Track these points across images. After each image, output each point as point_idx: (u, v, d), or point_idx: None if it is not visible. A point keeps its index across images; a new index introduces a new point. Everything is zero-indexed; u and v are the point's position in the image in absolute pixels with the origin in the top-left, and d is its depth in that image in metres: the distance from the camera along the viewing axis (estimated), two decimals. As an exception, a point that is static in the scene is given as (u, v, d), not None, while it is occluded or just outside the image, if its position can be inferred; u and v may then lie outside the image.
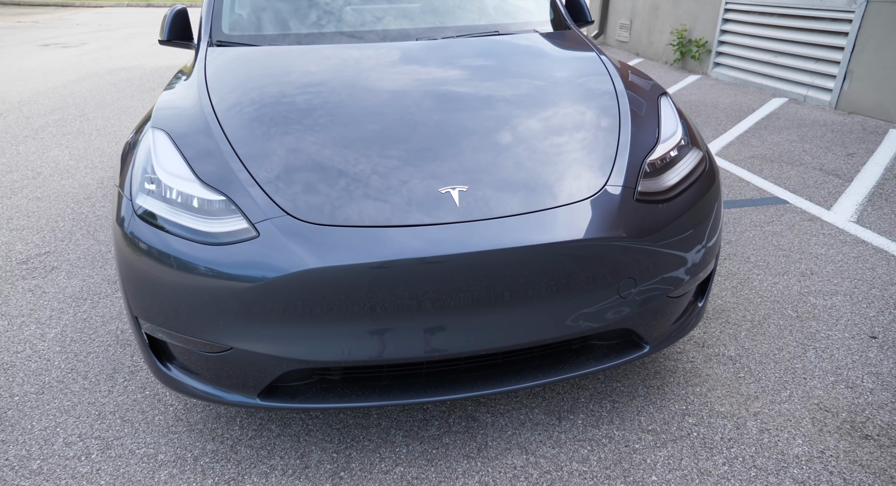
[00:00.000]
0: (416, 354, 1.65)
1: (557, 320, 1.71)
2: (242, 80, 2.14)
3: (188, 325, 1.62)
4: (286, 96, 2.04)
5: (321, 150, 1.80)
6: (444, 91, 2.09)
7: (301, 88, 2.09)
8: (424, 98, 2.04)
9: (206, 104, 1.98)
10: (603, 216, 1.71)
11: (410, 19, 2.69)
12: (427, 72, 2.22)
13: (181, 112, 1.97)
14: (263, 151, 1.79)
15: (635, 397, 2.18)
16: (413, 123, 1.92)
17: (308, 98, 2.03)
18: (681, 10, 8.12)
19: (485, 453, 1.95)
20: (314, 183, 1.70)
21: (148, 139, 1.88)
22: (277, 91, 2.07)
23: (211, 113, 1.93)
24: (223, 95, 2.04)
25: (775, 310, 2.66)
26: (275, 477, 1.86)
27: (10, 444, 1.98)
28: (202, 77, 2.17)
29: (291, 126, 1.89)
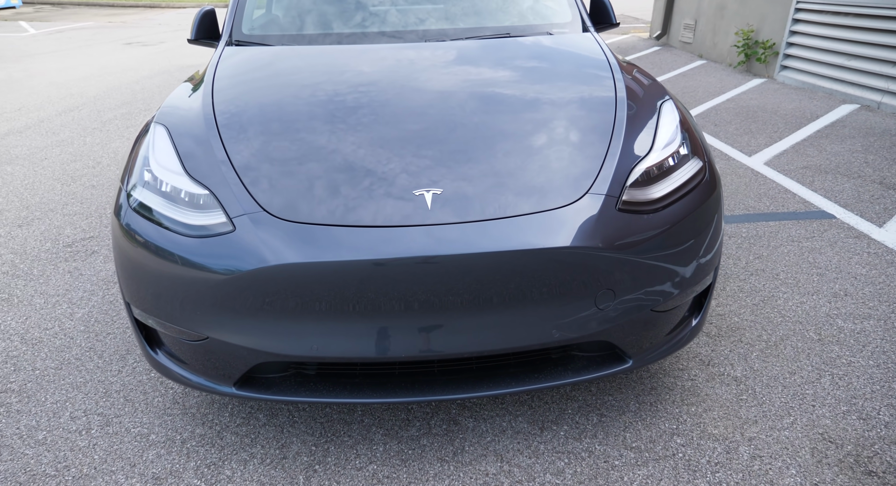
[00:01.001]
0: (382, 354, 1.67)
1: (530, 328, 1.69)
2: (248, 78, 2.22)
3: (170, 313, 1.70)
4: (286, 96, 2.10)
5: (309, 149, 1.85)
6: (438, 93, 2.09)
7: (301, 88, 2.14)
8: (421, 99, 2.06)
9: (207, 101, 2.07)
10: (580, 225, 1.67)
11: (423, 22, 2.71)
12: (431, 73, 2.23)
13: (184, 109, 2.07)
14: (252, 149, 1.85)
15: (625, 412, 2.12)
16: (402, 124, 1.93)
17: (307, 98, 2.08)
18: (748, 10, 7.76)
19: (460, 457, 1.95)
20: (296, 181, 1.74)
21: (150, 134, 1.98)
22: (279, 90, 2.13)
23: (210, 110, 2.01)
24: (226, 92, 2.12)
25: (795, 331, 2.52)
26: (252, 465, 1.92)
27: (24, 414, 2.13)
28: (212, 75, 2.26)
29: (285, 125, 1.95)
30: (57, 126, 5.83)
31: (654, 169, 1.85)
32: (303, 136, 1.90)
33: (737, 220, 3.56)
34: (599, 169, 1.82)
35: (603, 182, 1.79)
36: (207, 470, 1.90)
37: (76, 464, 1.92)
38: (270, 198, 1.70)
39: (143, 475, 1.88)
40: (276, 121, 1.97)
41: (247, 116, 1.99)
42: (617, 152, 1.87)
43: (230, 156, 1.82)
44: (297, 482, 1.86)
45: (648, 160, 1.87)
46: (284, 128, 1.94)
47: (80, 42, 11.60)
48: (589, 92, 2.13)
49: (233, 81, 2.21)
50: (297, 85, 2.17)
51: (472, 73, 2.23)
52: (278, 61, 2.38)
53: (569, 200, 1.73)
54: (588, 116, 2.01)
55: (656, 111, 2.05)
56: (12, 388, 2.26)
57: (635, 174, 1.83)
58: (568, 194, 1.74)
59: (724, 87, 7.06)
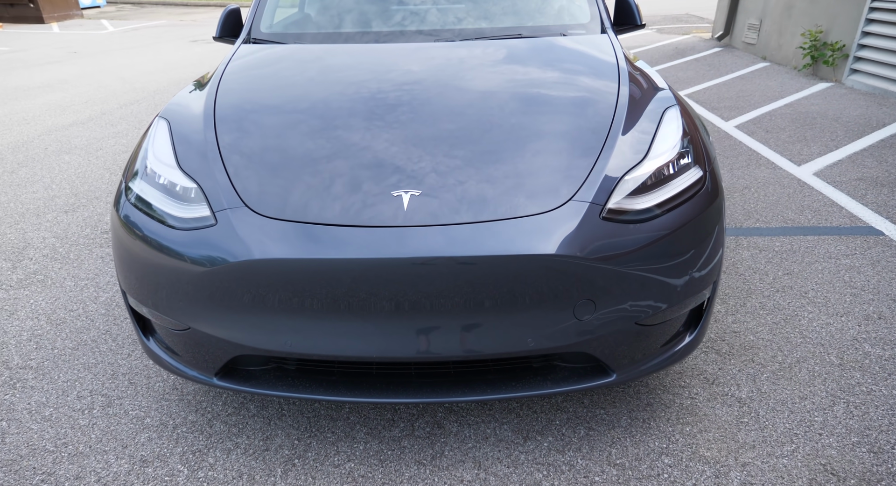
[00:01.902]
0: (352, 353, 1.67)
1: (503, 335, 1.66)
2: (254, 76, 2.27)
3: (156, 302, 1.76)
4: (288, 94, 2.13)
5: (302, 147, 1.87)
6: (430, 95, 2.08)
7: (305, 87, 2.17)
8: (413, 100, 2.05)
9: (211, 97, 2.13)
10: (558, 232, 1.63)
11: (437, 22, 2.69)
12: (428, 73, 2.22)
13: (188, 104, 2.14)
14: (245, 145, 1.89)
15: (615, 427, 2.05)
16: (396, 125, 1.93)
17: (310, 97, 2.11)
18: (818, 10, 7.35)
19: (437, 462, 1.93)
20: (282, 179, 1.77)
21: (152, 128, 2.06)
22: (282, 89, 2.17)
23: (211, 106, 2.07)
24: (231, 89, 2.18)
25: (815, 354, 2.37)
26: (235, 455, 1.97)
27: (36, 391, 2.26)
28: (221, 72, 2.33)
29: (282, 123, 1.98)
30: (116, 118, 6.14)
31: (646, 177, 1.78)
32: (297, 134, 1.93)
33: (771, 233, 3.38)
34: (587, 176, 1.77)
35: (589, 189, 1.73)
36: (192, 456, 1.95)
37: (73, 442, 2.02)
38: (254, 194, 1.73)
39: (132, 456, 1.96)
40: (275, 119, 2.00)
41: (246, 113, 2.03)
42: (608, 159, 1.81)
43: (222, 151, 1.87)
44: (274, 475, 1.89)
45: (641, 168, 1.80)
46: (281, 126, 1.97)
47: (151, 39, 12.18)
48: (589, 96, 2.06)
49: (240, 78, 2.27)
50: (301, 84, 2.20)
51: (470, 73, 2.20)
52: (288, 60, 2.42)
53: (550, 207, 1.68)
54: (584, 120, 1.95)
55: (658, 118, 1.97)
56: (31, 365, 2.40)
57: (625, 182, 1.76)
58: (550, 201, 1.70)
59: (785, 91, 6.72)
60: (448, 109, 2.00)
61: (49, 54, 10.31)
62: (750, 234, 3.37)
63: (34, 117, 6.23)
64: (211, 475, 1.88)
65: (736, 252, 3.17)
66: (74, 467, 1.92)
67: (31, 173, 4.61)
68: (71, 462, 1.93)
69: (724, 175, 4.27)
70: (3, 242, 3.48)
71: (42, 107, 6.66)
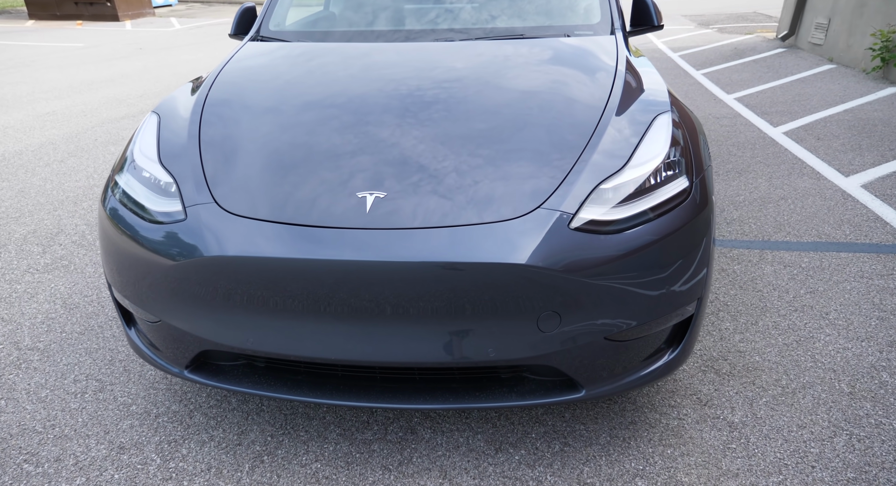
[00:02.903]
0: (309, 354, 1.67)
1: (462, 344, 1.62)
2: (250, 73, 2.30)
3: (131, 293, 1.81)
4: (276, 93, 2.15)
5: (281, 146, 1.88)
6: (419, 97, 2.04)
7: (297, 86, 2.18)
8: (397, 103, 2.02)
9: (203, 93, 2.17)
10: (523, 241, 1.57)
11: (439, 21, 2.66)
12: (416, 73, 2.19)
13: (181, 99, 2.19)
14: (225, 142, 1.91)
15: (592, 444, 1.97)
16: (372, 125, 1.92)
17: (299, 96, 2.12)
18: (893, 7, 6.87)
19: (403, 468, 1.90)
20: (255, 177, 1.78)
21: (143, 122, 2.11)
22: (270, 87, 2.18)
23: (202, 102, 2.11)
24: (225, 86, 2.21)
25: (824, 380, 2.21)
26: (208, 448, 2.00)
27: (38, 372, 2.37)
28: (219, 68, 2.37)
29: (267, 121, 1.99)
30: (165, 112, 6.39)
31: (624, 186, 1.70)
32: (278, 134, 1.93)
33: (801, 247, 3.18)
34: (560, 183, 1.70)
35: (560, 197, 1.67)
36: (167, 446, 2.00)
37: (61, 424, 2.10)
38: (226, 191, 1.75)
39: (111, 442, 2.02)
40: (259, 117, 2.02)
41: (233, 111, 2.06)
42: (585, 166, 1.74)
43: (202, 148, 1.90)
44: (241, 470, 1.91)
45: (620, 177, 1.72)
46: (263, 125, 1.98)
47: (213, 36, 12.63)
48: (577, 100, 1.99)
49: (235, 76, 2.30)
50: (291, 84, 2.21)
51: (457, 76, 2.16)
52: (285, 59, 2.44)
53: (517, 214, 1.63)
54: (568, 125, 1.88)
55: (647, 125, 1.87)
56: (38, 347, 2.52)
57: (600, 191, 1.69)
58: (518, 208, 1.64)
59: (847, 95, 6.33)
60: (428, 111, 1.97)
61: (117, 50, 10.84)
62: (777, 248, 3.18)
63: (92, 110, 6.55)
64: (181, 466, 1.92)
65: (758, 267, 2.99)
66: (56, 449, 1.99)
67: (78, 163, 4.85)
68: (54, 444, 2.01)
69: (761, 184, 4.05)
70: (40, 227, 3.67)
71: (101, 100, 7.00)
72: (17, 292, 2.94)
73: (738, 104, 6.16)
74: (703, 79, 7.40)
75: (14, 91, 7.57)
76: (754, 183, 4.08)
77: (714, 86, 6.97)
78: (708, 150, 2.01)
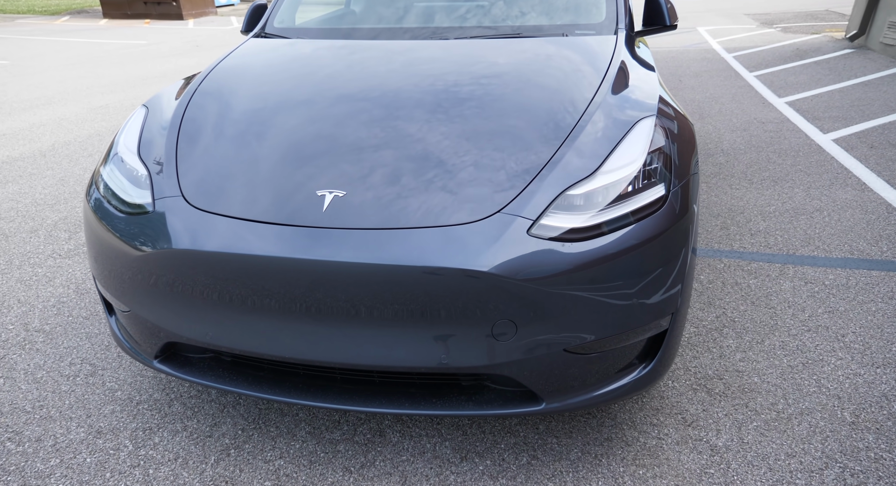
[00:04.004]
0: (263, 350, 1.66)
1: (415, 349, 1.58)
2: (243, 70, 2.32)
3: (107, 282, 1.85)
4: (263, 89, 2.15)
5: (257, 142, 1.88)
6: (395, 95, 2.01)
7: (281, 84, 2.18)
8: (374, 102, 2.00)
9: (193, 88, 2.20)
10: (479, 246, 1.52)
11: (438, 20, 2.61)
12: (406, 72, 2.15)
13: (173, 93, 2.23)
14: (201, 136, 1.93)
15: (562, 459, 1.89)
16: (343, 124, 1.90)
17: (284, 92, 2.12)
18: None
19: (365, 471, 1.88)
20: (224, 173, 1.79)
21: (131, 115, 2.16)
22: (258, 83, 2.19)
23: (188, 96, 2.14)
24: (215, 81, 2.24)
25: (826, 407, 2.05)
26: (180, 437, 2.03)
27: (39, 354, 2.47)
28: (214, 64, 2.40)
29: (249, 117, 2.00)
30: (208, 107, 6.58)
31: (592, 193, 1.62)
32: (253, 129, 1.94)
33: (828, 263, 2.97)
34: (525, 187, 1.64)
35: (522, 202, 1.60)
36: (142, 434, 2.04)
37: (49, 405, 2.18)
38: (193, 186, 1.77)
39: (91, 426, 2.08)
40: (241, 112, 2.03)
41: (217, 106, 2.08)
42: (553, 170, 1.67)
43: (179, 141, 1.92)
44: (207, 462, 1.93)
45: (590, 183, 1.64)
46: (243, 120, 1.99)
47: (269, 33, 12.95)
48: (558, 101, 1.91)
49: (228, 71, 2.33)
50: (279, 81, 2.22)
51: (441, 74, 2.11)
52: (280, 55, 2.45)
53: (475, 218, 1.58)
54: (545, 127, 1.81)
55: (626, 130, 1.78)
56: (45, 329, 2.63)
57: (566, 197, 1.61)
58: (478, 211, 1.59)
59: (910, 103, 5.91)
60: (400, 111, 1.93)
61: (176, 48, 11.27)
62: (801, 263, 2.99)
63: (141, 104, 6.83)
64: (150, 454, 1.96)
65: (776, 282, 2.82)
66: (39, 429, 2.07)
67: (119, 155, 5.05)
68: (38, 425, 2.09)
69: (796, 194, 3.82)
70: (71, 214, 3.83)
71: (151, 94, 7.28)
72: (38, 275, 3.08)
73: (789, 109, 5.85)
74: (755, 81, 7.07)
75: (76, 85, 7.97)
76: (789, 193, 3.85)
77: (765, 89, 6.65)
78: (696, 157, 1.90)
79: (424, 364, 1.60)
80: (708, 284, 2.83)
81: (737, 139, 5.00)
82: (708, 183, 4.07)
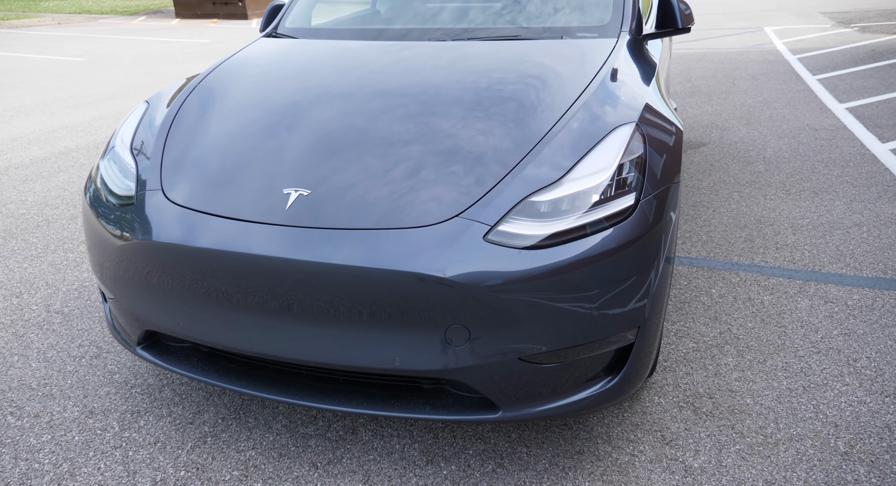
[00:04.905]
0: (229, 343, 1.71)
1: (369, 350, 1.59)
2: (243, 68, 2.38)
3: (97, 271, 1.95)
4: (254, 86, 2.20)
5: (233, 139, 1.92)
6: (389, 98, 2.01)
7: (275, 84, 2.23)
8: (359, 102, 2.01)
9: (192, 85, 2.28)
10: (434, 249, 1.52)
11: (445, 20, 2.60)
12: (396, 74, 2.16)
13: (174, 90, 2.31)
14: (188, 133, 2.00)
15: (528, 469, 1.85)
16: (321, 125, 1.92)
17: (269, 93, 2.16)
18: None
19: (330, 468, 1.90)
20: (204, 169, 1.85)
21: (133, 110, 2.26)
22: (253, 81, 2.25)
23: (187, 93, 2.22)
24: (216, 79, 2.31)
25: (819, 435, 1.93)
26: (163, 422, 2.11)
27: (54, 334, 2.61)
28: (219, 63, 2.48)
29: (232, 114, 2.05)
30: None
31: (559, 200, 1.58)
32: (238, 127, 1.99)
33: (854, 282, 2.79)
34: (488, 191, 1.62)
35: (482, 206, 1.58)
36: (129, 417, 2.13)
37: (52, 384, 2.31)
38: (174, 180, 1.83)
39: (85, 406, 2.19)
40: (231, 110, 2.09)
41: (211, 103, 2.14)
42: (519, 175, 1.64)
43: (169, 137, 2.00)
44: (183, 448, 1.99)
45: (555, 190, 1.60)
46: (231, 118, 2.05)
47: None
48: (537, 105, 1.87)
49: (230, 70, 2.39)
50: (271, 79, 2.26)
51: (425, 76, 2.10)
52: (284, 55, 2.49)
53: (433, 221, 1.57)
54: (519, 131, 1.78)
55: (601, 136, 1.72)
56: (64, 311, 2.78)
57: (528, 203, 1.58)
58: (438, 214, 1.58)
59: (985, 111, 5.47)
60: (384, 113, 1.94)
61: (236, 46, 11.68)
62: (825, 280, 2.81)
63: (195, 100, 7.12)
64: (132, 437, 2.04)
65: (793, 299, 2.67)
66: (39, 406, 2.19)
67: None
68: (39, 402, 2.21)
69: (836, 207, 3.60)
70: (109, 205, 4.04)
71: (206, 91, 7.58)
72: (68, 260, 3.27)
73: (848, 115, 5.52)
74: (816, 85, 6.71)
75: (137, 82, 8.39)
76: (828, 205, 3.63)
77: (826, 93, 6.29)
78: (678, 165, 1.82)
79: (378, 366, 1.61)
80: (718, 298, 2.71)
81: (782, 147, 4.76)
82: (740, 193, 3.89)
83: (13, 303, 2.87)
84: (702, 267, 2.98)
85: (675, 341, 2.42)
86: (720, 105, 6.09)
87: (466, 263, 1.50)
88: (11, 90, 7.94)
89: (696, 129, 5.34)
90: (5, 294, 2.94)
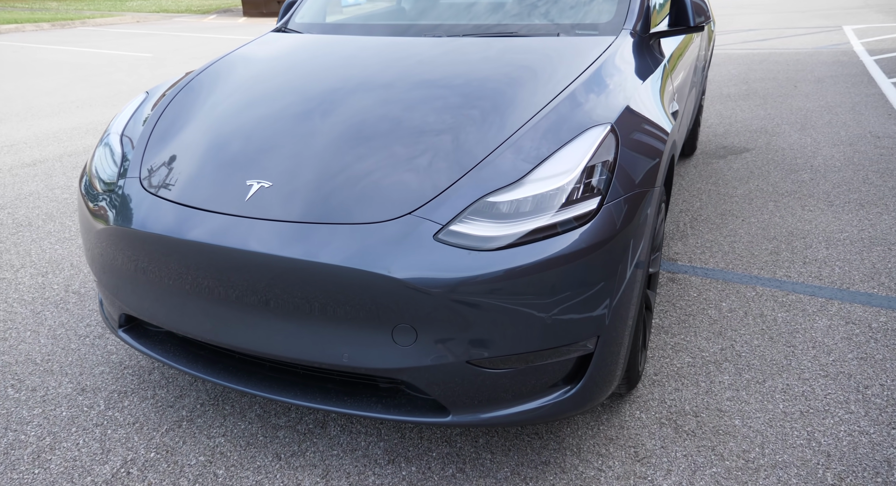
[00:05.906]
0: (189, 330, 1.74)
1: (318, 344, 1.59)
2: (241, 62, 2.41)
3: (86, 254, 2.02)
4: (246, 80, 2.23)
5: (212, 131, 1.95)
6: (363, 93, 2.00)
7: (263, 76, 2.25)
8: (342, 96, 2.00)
9: (190, 77, 2.33)
10: (382, 247, 1.49)
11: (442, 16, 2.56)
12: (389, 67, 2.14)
13: (173, 81, 2.37)
14: (174, 125, 2.05)
15: (488, 476, 1.80)
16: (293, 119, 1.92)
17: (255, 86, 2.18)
18: None
19: (293, 460, 1.91)
20: (180, 159, 1.89)
21: (131, 99, 2.33)
22: (247, 75, 2.28)
23: (182, 85, 2.27)
24: (211, 72, 2.35)
25: (807, 464, 1.78)
26: (146, 404, 2.17)
27: (67, 313, 2.74)
28: (221, 56, 2.52)
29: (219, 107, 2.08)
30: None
31: (517, 201, 1.52)
32: (218, 121, 2.02)
33: (884, 303, 2.58)
34: (444, 189, 1.58)
35: (437, 205, 1.55)
36: (115, 397, 2.21)
37: (54, 360, 2.42)
38: (153, 169, 1.88)
39: (78, 383, 2.28)
40: (218, 103, 2.12)
41: (203, 95, 2.19)
42: (479, 174, 1.59)
43: (155, 128, 2.05)
44: (158, 430, 2.05)
45: (515, 190, 1.55)
46: (218, 110, 2.08)
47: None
48: (511, 103, 1.81)
49: (230, 63, 2.43)
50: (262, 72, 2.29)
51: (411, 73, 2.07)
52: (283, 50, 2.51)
53: (386, 218, 1.54)
54: (489, 129, 1.73)
55: (571, 137, 1.65)
56: (81, 291, 2.92)
57: (484, 203, 1.54)
58: (392, 211, 1.56)
59: None
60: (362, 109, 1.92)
61: (297, 43, 11.98)
62: (850, 299, 2.61)
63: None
64: (114, 416, 2.11)
65: (811, 318, 2.49)
66: (38, 380, 2.30)
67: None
68: (39, 376, 2.33)
69: (882, 222, 3.34)
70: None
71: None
72: (96, 245, 3.42)
73: None
74: (891, 89, 6.27)
75: (198, 76, 8.72)
76: (873, 219, 3.38)
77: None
78: (663, 170, 1.72)
79: (327, 361, 1.60)
80: (727, 312, 2.56)
81: (835, 154, 4.46)
82: (776, 202, 3.67)
83: (38, 281, 3.03)
84: (716, 279, 2.83)
85: (671, 354, 2.30)
86: (774, 109, 5.77)
87: (414, 261, 1.47)
88: (82, 82, 8.42)
89: (741, 134, 5.08)
90: (33, 273, 3.11)
